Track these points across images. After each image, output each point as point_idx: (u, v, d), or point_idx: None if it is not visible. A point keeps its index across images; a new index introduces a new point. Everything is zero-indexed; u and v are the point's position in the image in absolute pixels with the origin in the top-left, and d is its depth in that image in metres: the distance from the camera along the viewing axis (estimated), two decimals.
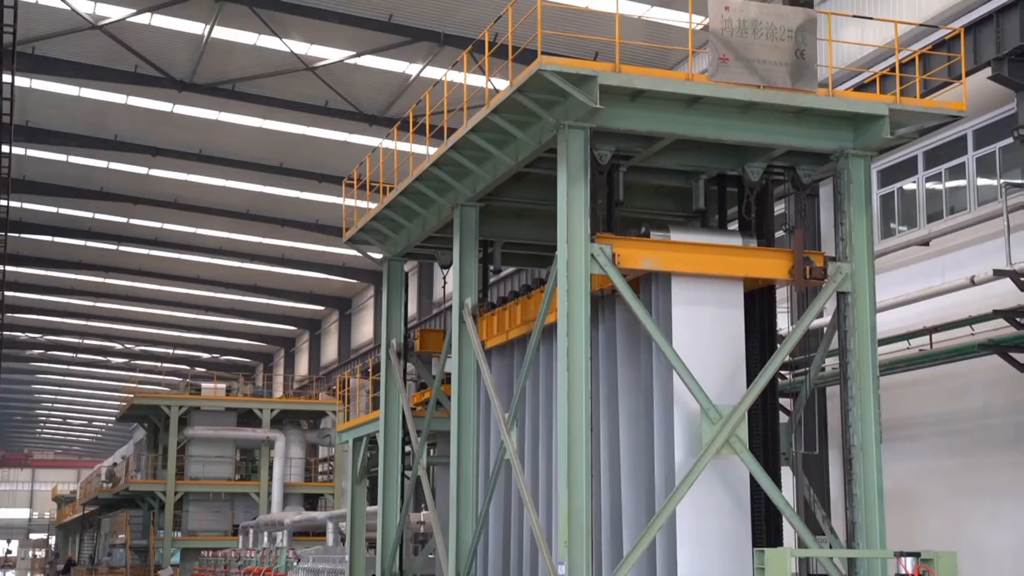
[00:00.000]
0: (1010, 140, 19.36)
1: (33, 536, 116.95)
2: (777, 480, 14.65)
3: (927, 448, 20.97)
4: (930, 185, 22.04)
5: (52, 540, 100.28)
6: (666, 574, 14.09)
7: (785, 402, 19.57)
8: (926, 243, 21.32)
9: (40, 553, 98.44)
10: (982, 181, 20.75)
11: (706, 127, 14.23)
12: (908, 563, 10.11)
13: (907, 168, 22.47)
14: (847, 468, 14.57)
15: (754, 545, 13.88)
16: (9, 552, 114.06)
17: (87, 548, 71.46)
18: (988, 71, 18.51)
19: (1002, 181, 19.53)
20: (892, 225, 22.90)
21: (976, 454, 19.96)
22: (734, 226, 16.42)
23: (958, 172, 21.36)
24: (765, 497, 14.38)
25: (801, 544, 14.66)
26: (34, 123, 40.79)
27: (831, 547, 15.05)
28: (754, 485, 14.26)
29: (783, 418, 16.92)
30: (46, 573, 73.88)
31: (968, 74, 17.01)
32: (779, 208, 19.60)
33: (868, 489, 14.32)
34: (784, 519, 14.66)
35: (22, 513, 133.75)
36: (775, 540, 14.89)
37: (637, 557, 13.55)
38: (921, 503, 20.78)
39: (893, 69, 16.52)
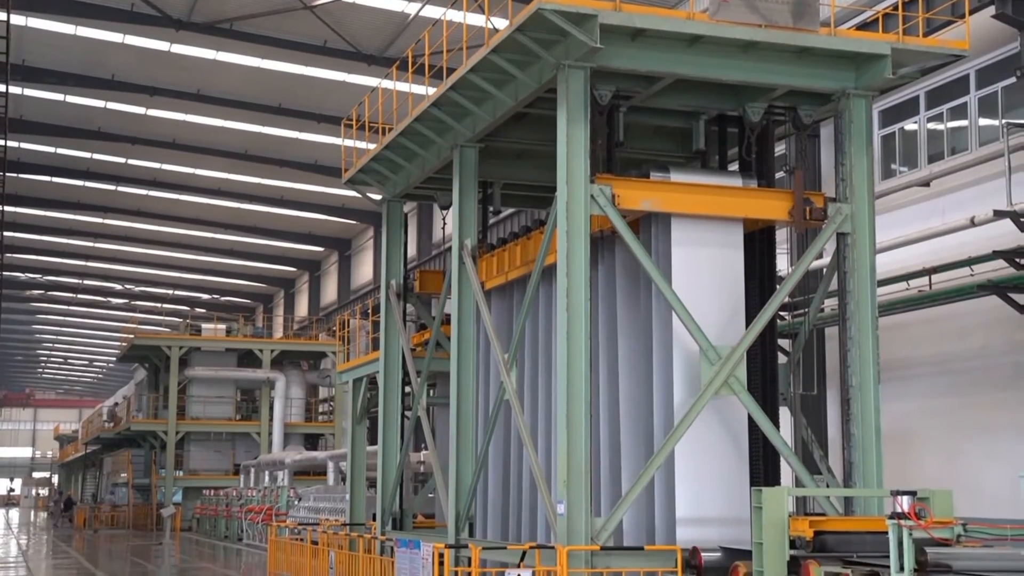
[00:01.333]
0: (1013, 79, 19.23)
1: (36, 475, 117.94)
2: (775, 420, 14.74)
3: (925, 388, 21.05)
4: (931, 125, 21.93)
5: (55, 479, 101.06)
6: (664, 513, 14.22)
7: (784, 343, 19.60)
8: (927, 184, 21.25)
9: (43, 491, 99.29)
10: (984, 121, 20.64)
11: (707, 67, 14.15)
12: (904, 501, 10.18)
13: (908, 108, 22.35)
14: (845, 408, 14.65)
15: (752, 484, 13.99)
16: (12, 491, 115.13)
17: (90, 487, 72.05)
18: (991, 10, 18.35)
19: (1004, 121, 19.42)
20: (893, 166, 22.81)
21: (974, 394, 20.05)
22: (734, 167, 16.38)
23: (960, 112, 21.24)
24: (763, 437, 14.47)
25: (799, 483, 14.79)
26: (30, 62, 40.49)
27: (828, 486, 15.17)
28: (752, 425, 14.35)
29: (782, 359, 16.98)
30: (49, 511, 74.51)
31: (971, 13, 16.85)
32: (779, 149, 19.52)
33: (866, 429, 14.42)
34: (782, 458, 14.77)
35: (24, 452, 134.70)
36: (773, 479, 15.00)
37: (636, 496, 13.67)
38: (918, 442, 20.91)
39: (895, 8, 16.37)
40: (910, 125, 22.37)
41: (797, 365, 16.59)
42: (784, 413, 15.92)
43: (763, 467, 15.01)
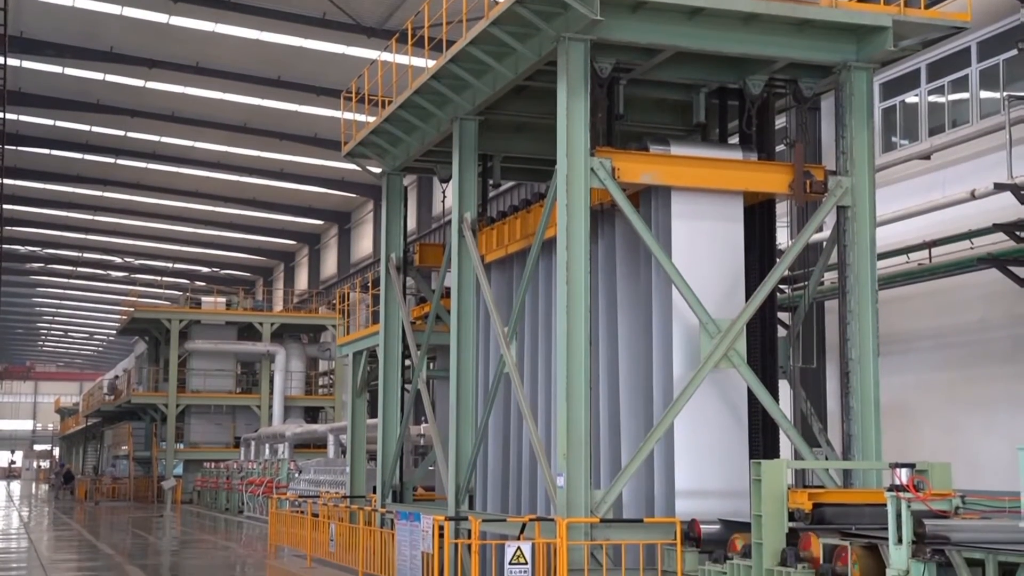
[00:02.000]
0: (1014, 52, 19.17)
1: (37, 447, 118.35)
2: (775, 393, 14.76)
3: (924, 361, 21.09)
4: (932, 98, 21.87)
5: (56, 451, 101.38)
6: (664, 486, 14.27)
7: (784, 316, 19.61)
8: (927, 157, 21.21)
9: (44, 464, 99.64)
10: (985, 94, 20.59)
11: (707, 39, 14.09)
12: (903, 474, 10.20)
13: (909, 81, 22.29)
14: (844, 381, 14.67)
15: (751, 457, 14.03)
16: (13, 463, 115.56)
17: (91, 459, 72.29)
18: None
19: (1005, 94, 19.37)
20: (893, 139, 22.77)
21: (972, 367, 20.09)
22: (735, 140, 16.34)
23: (961, 85, 21.18)
24: (762, 410, 14.50)
25: (798, 456, 14.82)
26: (28, 33, 40.37)
27: (827, 459, 15.21)
28: (752, 398, 14.38)
29: (781, 332, 16.99)
30: (50, 483, 74.76)
31: None
32: (780, 122, 19.48)
33: (864, 402, 14.44)
34: (781, 431, 14.80)
35: (26, 425, 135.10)
36: (772, 452, 15.04)
37: (635, 469, 13.71)
38: (917, 415, 20.96)
39: None
40: (911, 98, 22.32)
41: (797, 338, 16.60)
42: (783, 386, 15.94)
43: (762, 440, 15.04)
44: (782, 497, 11.67)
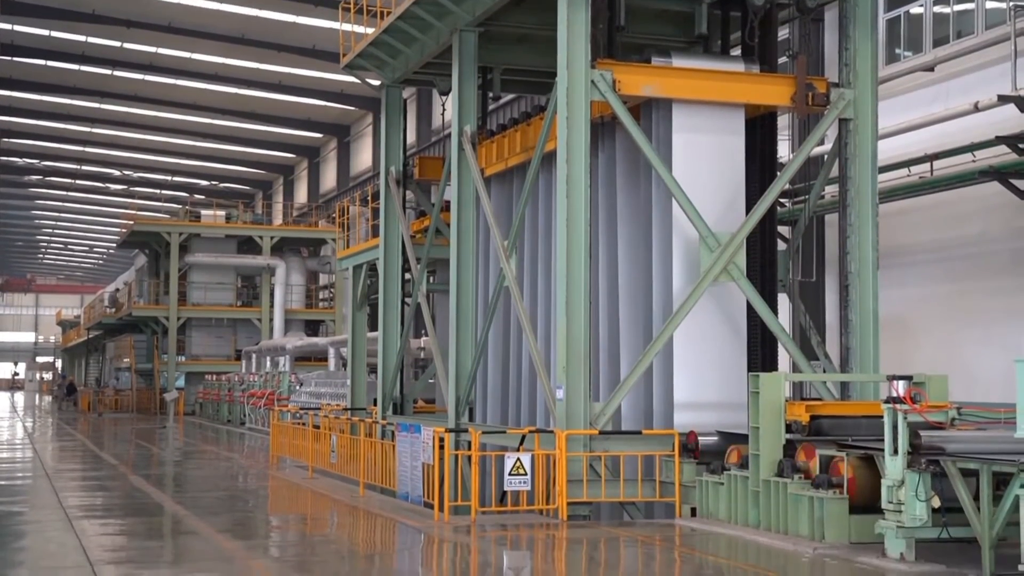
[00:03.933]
0: None
1: (39, 359, 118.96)
2: (774, 306, 14.82)
3: (923, 274, 21.11)
4: (937, 8, 21.61)
5: (59, 363, 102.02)
6: (663, 398, 14.37)
7: (784, 230, 19.58)
8: (931, 68, 21.00)
9: (47, 376, 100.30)
10: (991, 4, 20.34)
11: None
12: (900, 386, 10.29)
13: None
14: (843, 294, 14.72)
15: (749, 370, 14.12)
16: (16, 375, 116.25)
17: (93, 371, 72.72)
18: None
19: (1011, 3, 19.12)
20: (897, 50, 22.54)
21: (971, 280, 20.11)
22: (737, 52, 16.19)
23: None
24: (761, 323, 14.56)
25: (796, 369, 14.92)
26: None
27: (825, 371, 15.31)
28: (751, 311, 14.43)
29: (781, 245, 16.99)
30: (54, 395, 75.35)
31: None
32: (783, 33, 19.26)
33: (863, 315, 14.51)
34: (780, 344, 14.88)
35: (28, 337, 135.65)
36: (770, 365, 15.14)
37: (634, 381, 13.80)
38: (915, 328, 21.04)
39: None
40: (916, 8, 22.05)
41: (796, 252, 16.61)
42: (783, 299, 15.98)
43: (761, 353, 15.13)
44: (780, 409, 11.77)
